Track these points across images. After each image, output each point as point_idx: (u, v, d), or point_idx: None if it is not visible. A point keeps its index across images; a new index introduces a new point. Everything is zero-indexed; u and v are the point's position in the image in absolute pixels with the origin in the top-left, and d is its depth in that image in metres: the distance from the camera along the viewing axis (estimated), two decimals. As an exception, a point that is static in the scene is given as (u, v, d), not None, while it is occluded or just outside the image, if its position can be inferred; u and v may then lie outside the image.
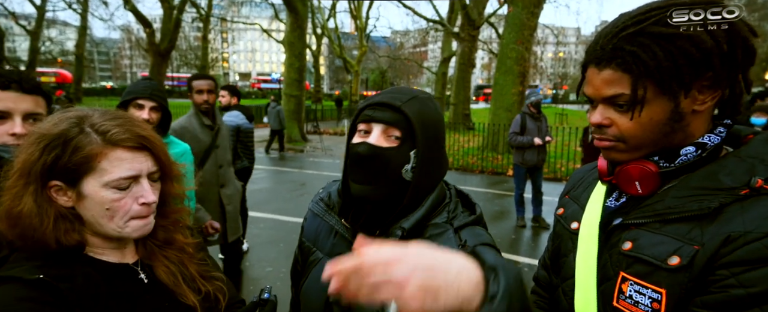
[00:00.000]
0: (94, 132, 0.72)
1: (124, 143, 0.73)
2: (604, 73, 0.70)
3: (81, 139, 0.71)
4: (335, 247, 0.94)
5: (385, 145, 0.82)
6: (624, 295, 0.70)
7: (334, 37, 27.20)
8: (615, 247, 0.74)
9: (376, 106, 0.83)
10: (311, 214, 1.03)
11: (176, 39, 20.30)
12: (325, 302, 0.91)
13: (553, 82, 58.43)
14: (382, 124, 0.82)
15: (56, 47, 35.24)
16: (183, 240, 0.87)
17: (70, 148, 0.70)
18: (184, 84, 28.87)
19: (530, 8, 9.91)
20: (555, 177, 8.30)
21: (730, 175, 0.65)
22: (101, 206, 0.72)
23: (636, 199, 0.76)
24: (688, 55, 0.64)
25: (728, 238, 0.61)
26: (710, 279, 0.62)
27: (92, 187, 0.71)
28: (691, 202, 0.66)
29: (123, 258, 0.80)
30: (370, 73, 46.55)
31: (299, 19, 12.60)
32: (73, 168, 0.71)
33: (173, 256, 0.84)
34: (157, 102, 2.05)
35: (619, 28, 0.68)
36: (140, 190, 0.75)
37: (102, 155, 0.71)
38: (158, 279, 0.81)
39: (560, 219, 0.92)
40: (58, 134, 0.71)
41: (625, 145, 0.73)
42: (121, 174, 0.72)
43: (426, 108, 0.85)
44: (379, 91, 0.89)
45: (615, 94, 0.69)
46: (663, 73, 0.65)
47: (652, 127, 0.69)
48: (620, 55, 0.67)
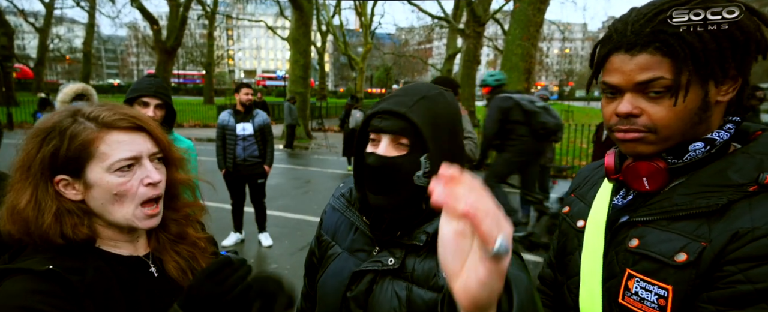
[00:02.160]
0: (86, 119, 0.73)
1: (118, 124, 0.74)
2: (638, 57, 0.66)
3: (75, 128, 0.72)
4: (355, 242, 0.93)
5: (394, 154, 0.80)
6: (630, 292, 0.69)
7: (338, 34, 27.17)
8: (621, 245, 0.73)
9: (383, 115, 0.82)
10: (331, 208, 1.02)
11: (182, 36, 20.40)
12: (342, 297, 0.90)
13: (558, 78, 58.01)
14: (389, 133, 0.81)
15: (64, 44, 35.56)
16: (195, 234, 0.87)
17: (66, 138, 0.71)
18: (191, 81, 29.00)
19: (536, 4, 9.83)
20: (560, 174, 8.25)
21: (739, 171, 0.65)
22: (108, 192, 0.73)
23: (643, 197, 0.75)
24: (734, 39, 0.62)
25: (736, 234, 0.61)
26: (717, 275, 0.62)
27: (97, 174, 0.72)
28: (699, 199, 0.65)
29: (135, 251, 0.81)
30: (375, 71, 46.50)
31: (304, 16, 12.60)
32: (73, 157, 0.71)
33: (184, 251, 0.84)
34: (162, 99, 2.06)
35: (653, 11, 0.65)
36: (144, 171, 0.76)
37: (98, 139, 0.72)
38: (168, 273, 0.81)
39: (566, 217, 0.91)
40: (52, 126, 0.72)
41: (656, 135, 0.69)
42: (122, 155, 0.73)
43: (435, 107, 0.82)
44: (390, 92, 0.87)
45: (652, 78, 0.65)
46: (709, 56, 0.62)
47: (684, 116, 0.66)
48: (662, 38, 0.64)
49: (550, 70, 54.63)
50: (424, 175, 0.81)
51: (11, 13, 29.14)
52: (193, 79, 54.21)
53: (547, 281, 0.99)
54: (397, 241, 0.86)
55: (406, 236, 0.85)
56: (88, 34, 30.08)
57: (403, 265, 0.84)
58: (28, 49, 43.37)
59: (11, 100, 17.63)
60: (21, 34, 42.10)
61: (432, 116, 0.80)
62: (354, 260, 0.92)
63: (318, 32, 28.69)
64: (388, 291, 0.85)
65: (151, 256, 0.82)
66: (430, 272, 0.82)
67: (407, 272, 0.84)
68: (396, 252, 0.86)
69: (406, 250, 0.85)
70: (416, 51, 43.74)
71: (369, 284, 0.87)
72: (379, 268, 0.86)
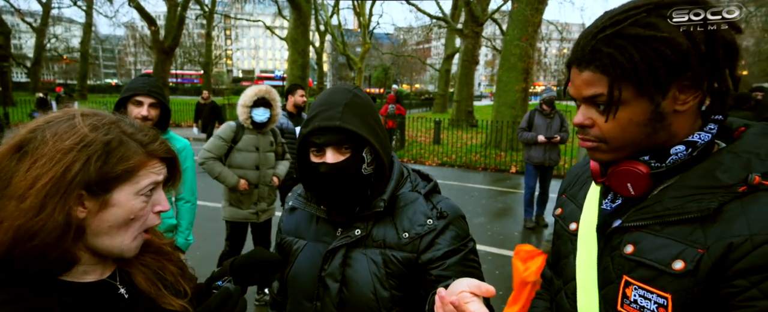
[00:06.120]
0: (132, 140, 0.69)
1: (159, 153, 0.71)
2: (584, 74, 0.70)
3: (125, 149, 0.67)
4: (319, 231, 1.05)
5: (341, 159, 0.93)
6: (629, 300, 0.68)
7: (337, 34, 27.16)
8: (616, 250, 0.72)
9: (319, 133, 0.92)
10: (287, 211, 1.14)
11: (180, 36, 20.33)
12: (317, 277, 1.01)
13: (556, 78, 58.14)
14: (332, 146, 0.92)
15: (62, 44, 35.41)
16: (159, 241, 0.83)
17: (116, 159, 0.65)
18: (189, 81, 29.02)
19: (534, 4, 9.84)
20: (559, 174, 8.26)
21: (727, 172, 0.64)
22: (126, 216, 0.68)
23: (632, 201, 0.75)
24: (664, 57, 0.64)
25: (732, 244, 0.59)
26: (729, 291, 0.60)
27: (125, 196, 0.67)
28: (690, 203, 0.65)
29: (102, 273, 0.73)
30: (374, 71, 46.49)
31: (302, 16, 12.60)
32: (113, 178, 0.65)
33: (151, 261, 0.79)
34: (156, 98, 2.04)
35: (599, 28, 0.68)
36: (158, 199, 0.73)
37: (143, 166, 0.69)
38: (139, 290, 0.75)
39: (558, 219, 0.91)
40: (96, 141, 0.64)
41: (607, 145, 0.73)
42: (150, 180, 0.70)
43: (357, 107, 0.93)
44: (318, 106, 0.95)
45: (594, 94, 0.70)
46: (639, 75, 0.65)
47: (631, 128, 0.69)
48: (598, 57, 0.67)
49: (548, 70, 54.73)
50: (368, 165, 0.95)
51: (8, 13, 29.02)
52: (191, 78, 54.20)
53: (546, 281, 0.99)
54: (358, 215, 1.00)
55: (365, 209, 0.98)
56: (85, 33, 30.01)
57: (370, 234, 0.98)
58: (25, 49, 43.19)
59: (8, 99, 17.56)
60: (18, 33, 41.93)
61: (359, 117, 0.92)
62: (322, 245, 1.03)
63: (316, 32, 28.71)
64: (363, 259, 0.98)
65: (116, 274, 0.75)
66: (396, 234, 0.97)
67: (378, 239, 0.98)
68: (360, 225, 0.99)
69: (369, 220, 0.99)
70: (415, 51, 43.78)
71: (343, 258, 0.98)
72: (349, 241, 0.98)
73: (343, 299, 0.98)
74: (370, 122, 0.94)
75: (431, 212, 0.98)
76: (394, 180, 1.01)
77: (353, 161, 0.93)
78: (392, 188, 0.99)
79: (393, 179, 1.00)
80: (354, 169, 0.93)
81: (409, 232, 0.96)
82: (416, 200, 1.00)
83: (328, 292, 0.99)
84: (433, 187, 1.05)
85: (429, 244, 0.95)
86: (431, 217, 0.97)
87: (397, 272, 0.96)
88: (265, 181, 3.11)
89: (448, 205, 1.00)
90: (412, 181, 1.05)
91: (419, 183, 1.05)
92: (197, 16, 29.89)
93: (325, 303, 0.99)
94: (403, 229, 0.97)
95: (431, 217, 0.97)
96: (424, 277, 0.95)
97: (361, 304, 0.96)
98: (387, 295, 0.95)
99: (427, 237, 0.95)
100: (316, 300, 1.00)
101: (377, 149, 0.93)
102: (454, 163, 9.59)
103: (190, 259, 0.92)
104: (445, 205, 0.99)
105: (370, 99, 0.99)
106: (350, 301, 0.97)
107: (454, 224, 0.98)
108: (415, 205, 0.99)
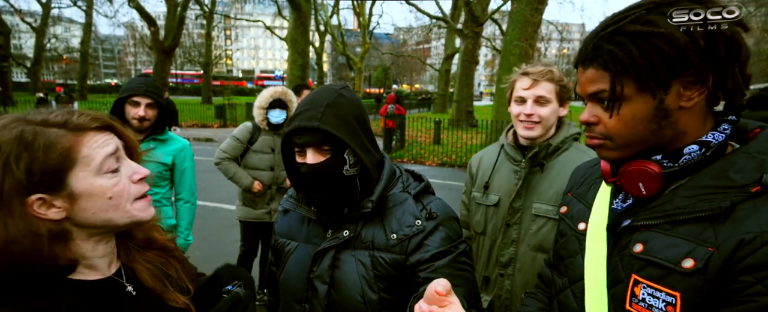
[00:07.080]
0: (51, 126, 0.63)
1: (90, 125, 0.66)
2: (587, 72, 0.72)
3: (45, 137, 0.61)
4: (310, 233, 1.05)
5: (321, 160, 0.92)
6: (637, 299, 0.68)
7: (337, 34, 27.18)
8: (625, 249, 0.72)
9: (300, 133, 0.91)
10: (281, 213, 1.13)
11: (180, 36, 20.32)
12: (306, 279, 1.00)
13: (557, 79, 57.94)
14: (311, 146, 0.91)
15: (61, 44, 35.45)
16: (162, 238, 0.81)
17: (39, 150, 0.60)
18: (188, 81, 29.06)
19: (534, 4, 9.84)
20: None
21: (740, 172, 0.64)
22: (103, 197, 0.65)
23: (643, 201, 0.74)
24: (662, 53, 0.64)
25: (743, 240, 0.59)
26: (734, 287, 0.60)
27: (85, 181, 0.63)
28: (702, 202, 0.64)
29: (108, 269, 0.72)
30: (373, 71, 46.52)
31: (302, 16, 12.59)
32: (53, 169, 0.61)
33: (155, 257, 0.78)
34: (153, 98, 2.04)
35: (601, 27, 0.70)
36: (130, 168, 0.69)
37: (78, 143, 0.64)
38: (146, 287, 0.74)
39: (564, 218, 0.90)
40: (11, 142, 0.59)
41: (612, 142, 0.73)
42: (99, 155, 0.65)
43: (340, 109, 0.92)
44: (302, 105, 0.93)
45: (597, 90, 0.71)
46: (639, 70, 0.66)
47: (635, 124, 0.70)
48: (600, 54, 0.69)
49: (548, 70, 54.64)
50: (350, 167, 0.94)
51: (8, 13, 29.03)
52: (191, 79, 54.19)
53: (544, 281, 0.98)
54: (347, 217, 0.98)
55: (354, 210, 0.97)
56: (85, 33, 29.99)
57: (359, 235, 0.97)
58: (25, 49, 43.20)
59: (8, 99, 17.57)
60: (18, 33, 41.94)
61: (341, 118, 0.91)
62: (312, 247, 1.02)
63: (316, 32, 28.71)
64: (352, 261, 0.96)
65: (122, 271, 0.75)
66: (384, 236, 0.96)
67: (366, 241, 0.97)
68: (349, 226, 0.98)
69: (358, 221, 0.98)
70: (414, 51, 43.80)
71: (331, 260, 0.97)
72: (337, 243, 0.97)
73: (331, 302, 0.96)
74: (352, 123, 0.92)
75: (420, 213, 0.96)
76: (384, 180, 0.99)
77: (334, 162, 0.92)
78: (381, 189, 0.98)
79: (383, 180, 0.99)
80: (335, 171, 0.92)
81: (397, 234, 0.95)
82: (405, 201, 0.98)
83: (317, 294, 0.98)
84: (424, 187, 1.03)
85: (417, 245, 0.94)
86: (420, 217, 0.95)
87: (385, 274, 0.94)
88: (279, 182, 3.12)
89: (439, 206, 0.99)
90: (403, 182, 1.03)
91: (411, 183, 1.04)
92: (197, 16, 29.93)
93: (313, 305, 0.98)
94: (391, 230, 0.96)
95: (420, 218, 0.95)
96: (412, 280, 0.94)
97: (349, 307, 0.95)
98: (375, 298, 0.93)
99: (416, 238, 0.94)
100: (305, 302, 0.99)
101: (356, 151, 0.92)
102: (454, 163, 9.58)
103: (190, 260, 0.91)
104: (435, 206, 0.98)
105: (358, 99, 0.98)
106: (338, 303, 0.96)
107: (445, 225, 0.96)
108: (404, 206, 0.97)
